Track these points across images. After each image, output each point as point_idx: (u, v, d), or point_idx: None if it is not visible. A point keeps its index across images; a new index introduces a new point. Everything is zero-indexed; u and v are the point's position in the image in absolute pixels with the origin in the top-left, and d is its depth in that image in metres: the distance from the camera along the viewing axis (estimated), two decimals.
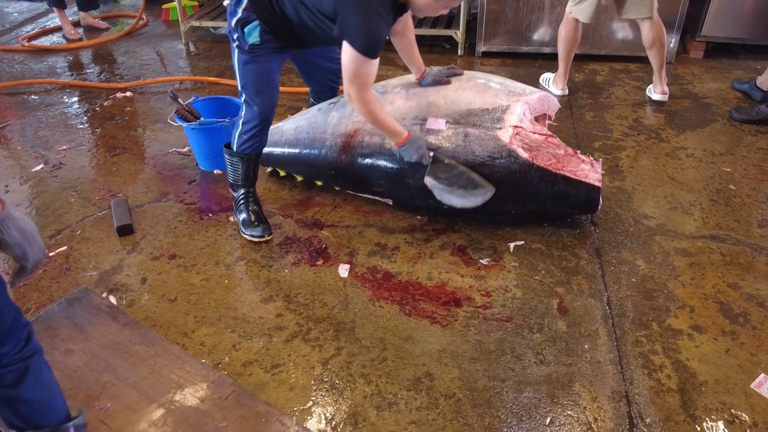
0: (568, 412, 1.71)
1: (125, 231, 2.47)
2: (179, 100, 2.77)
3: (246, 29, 2.12)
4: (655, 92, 3.49)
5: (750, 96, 3.53)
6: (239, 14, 2.11)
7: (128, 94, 3.79)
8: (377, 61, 2.03)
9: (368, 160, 2.46)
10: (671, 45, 3.97)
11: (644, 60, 3.54)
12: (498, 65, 4.14)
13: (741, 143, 3.10)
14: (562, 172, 2.28)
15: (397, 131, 2.21)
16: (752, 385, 1.77)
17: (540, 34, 4.11)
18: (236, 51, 2.21)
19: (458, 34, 4.24)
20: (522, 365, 1.86)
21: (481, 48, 4.23)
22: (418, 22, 4.35)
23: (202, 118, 2.78)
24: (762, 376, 1.80)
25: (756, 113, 3.24)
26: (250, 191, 2.45)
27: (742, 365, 1.84)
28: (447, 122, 2.35)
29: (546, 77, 3.72)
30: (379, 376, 1.83)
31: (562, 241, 2.39)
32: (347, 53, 2.00)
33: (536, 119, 2.54)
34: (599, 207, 2.34)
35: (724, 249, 2.34)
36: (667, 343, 1.93)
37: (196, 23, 4.63)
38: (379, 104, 2.17)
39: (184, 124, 2.75)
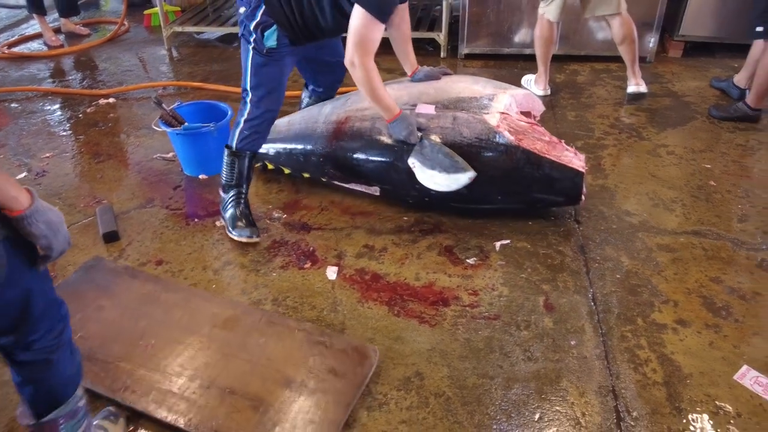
0: (557, 408, 1.73)
1: (111, 238, 2.46)
2: (163, 105, 2.77)
3: (266, 33, 2.19)
4: (630, 85, 3.52)
5: (728, 94, 3.59)
6: (258, 18, 2.19)
7: (111, 100, 3.76)
8: (383, 28, 2.12)
9: (357, 145, 2.50)
10: (651, 45, 4.04)
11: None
12: (480, 67, 4.17)
13: (720, 140, 3.15)
14: (547, 156, 2.33)
15: (390, 106, 2.30)
16: (735, 377, 1.81)
17: (521, 35, 4.15)
18: (251, 53, 2.26)
19: (441, 37, 4.27)
20: (510, 362, 1.88)
21: (464, 50, 4.26)
22: None
23: (186, 123, 2.77)
24: (744, 367, 1.83)
25: (734, 110, 3.30)
26: (242, 192, 2.45)
27: (725, 357, 1.88)
28: (436, 107, 2.43)
29: (528, 78, 3.75)
30: None
31: (547, 240, 2.41)
32: (358, 17, 2.08)
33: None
34: (582, 196, 2.38)
35: (705, 244, 2.38)
36: (652, 338, 1.96)
37: (179, 28, 4.61)
38: (377, 75, 2.23)
39: (169, 130, 2.74)
